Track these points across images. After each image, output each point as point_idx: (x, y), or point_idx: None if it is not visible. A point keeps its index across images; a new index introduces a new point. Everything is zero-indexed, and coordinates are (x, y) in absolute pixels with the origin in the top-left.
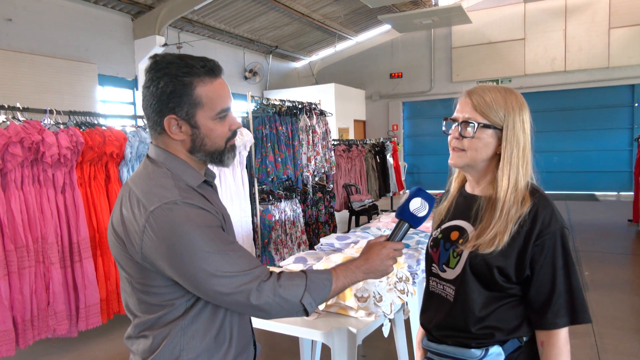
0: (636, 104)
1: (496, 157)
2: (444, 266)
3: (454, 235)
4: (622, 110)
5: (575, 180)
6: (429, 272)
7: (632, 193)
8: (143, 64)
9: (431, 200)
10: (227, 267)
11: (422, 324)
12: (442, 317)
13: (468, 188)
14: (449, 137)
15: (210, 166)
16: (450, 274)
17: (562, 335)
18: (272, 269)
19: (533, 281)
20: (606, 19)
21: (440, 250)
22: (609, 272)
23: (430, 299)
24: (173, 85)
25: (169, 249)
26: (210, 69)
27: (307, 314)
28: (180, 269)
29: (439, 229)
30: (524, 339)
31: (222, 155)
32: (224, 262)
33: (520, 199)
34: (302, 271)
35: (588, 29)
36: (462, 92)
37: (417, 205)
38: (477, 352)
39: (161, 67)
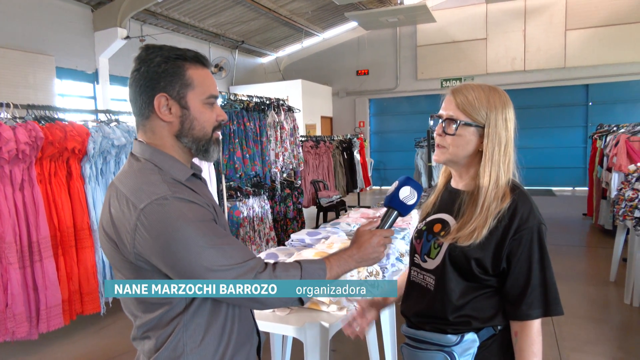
0: (590, 103)
1: (479, 153)
2: (425, 257)
3: (437, 227)
4: (577, 109)
5: (533, 176)
6: (411, 263)
7: (587, 188)
8: (104, 57)
9: (419, 189)
10: (222, 261)
11: (403, 312)
12: (422, 306)
13: (453, 183)
14: (435, 134)
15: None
16: (431, 264)
17: (535, 326)
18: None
19: (509, 274)
20: (562, 21)
21: (423, 242)
22: (565, 263)
23: (411, 288)
24: (165, 65)
25: (163, 247)
26: (200, 58)
27: (302, 303)
28: (175, 266)
29: (423, 222)
30: (499, 327)
31: (208, 144)
32: (219, 255)
33: (501, 195)
34: (297, 261)
35: (546, 30)
36: (448, 89)
37: (407, 194)
38: (453, 338)
39: (153, 50)
